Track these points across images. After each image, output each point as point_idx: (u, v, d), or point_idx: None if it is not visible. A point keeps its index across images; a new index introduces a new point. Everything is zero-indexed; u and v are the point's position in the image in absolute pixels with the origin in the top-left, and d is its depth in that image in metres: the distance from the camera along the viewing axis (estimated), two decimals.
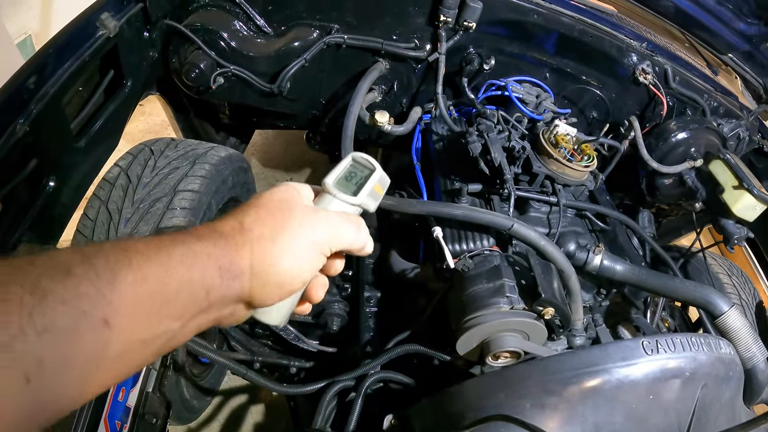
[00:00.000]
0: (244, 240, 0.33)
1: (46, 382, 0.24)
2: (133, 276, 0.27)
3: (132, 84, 0.91)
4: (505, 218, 0.79)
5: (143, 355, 0.29)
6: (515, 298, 0.71)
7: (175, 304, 0.29)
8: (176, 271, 0.29)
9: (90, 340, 0.26)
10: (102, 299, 0.26)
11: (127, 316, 0.27)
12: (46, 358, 0.24)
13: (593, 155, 0.93)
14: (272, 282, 0.34)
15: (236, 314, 0.35)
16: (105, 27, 0.76)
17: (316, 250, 0.36)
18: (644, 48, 1.18)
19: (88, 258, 0.27)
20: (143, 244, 0.29)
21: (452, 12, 1.08)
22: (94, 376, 0.27)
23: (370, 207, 0.42)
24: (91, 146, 0.80)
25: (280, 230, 0.34)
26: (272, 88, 1.10)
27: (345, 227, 0.38)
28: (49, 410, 0.25)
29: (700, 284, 0.83)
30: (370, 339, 0.97)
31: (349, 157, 0.43)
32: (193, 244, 0.31)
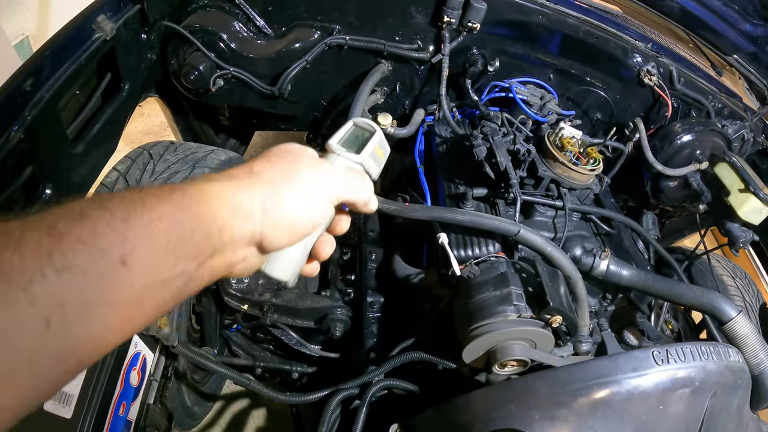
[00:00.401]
0: (254, 181, 0.34)
1: (68, 326, 0.24)
2: (148, 215, 0.27)
3: (130, 87, 0.89)
4: (511, 224, 0.78)
5: (162, 297, 0.29)
6: (522, 306, 0.70)
7: (191, 244, 0.29)
8: (190, 209, 0.29)
9: (109, 279, 0.25)
10: (118, 238, 0.26)
11: (144, 255, 0.27)
12: (66, 300, 0.23)
13: (599, 158, 0.92)
14: (283, 222, 0.34)
15: (248, 260, 0.35)
16: (101, 29, 0.74)
17: (323, 195, 0.37)
18: (649, 49, 1.17)
19: (103, 202, 0.27)
20: (157, 187, 0.29)
21: (456, 13, 1.06)
22: (115, 320, 0.26)
23: (372, 169, 0.43)
24: (88, 151, 0.78)
25: (290, 173, 0.35)
26: (273, 90, 1.08)
27: (350, 178, 0.39)
28: (70, 357, 0.25)
29: (706, 290, 0.82)
30: (373, 345, 0.96)
31: (351, 122, 0.45)
32: (206, 185, 0.31)
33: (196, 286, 0.31)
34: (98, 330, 0.26)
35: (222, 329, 1.19)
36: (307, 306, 1.03)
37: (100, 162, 0.87)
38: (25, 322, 0.22)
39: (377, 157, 0.44)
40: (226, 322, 1.19)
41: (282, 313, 1.05)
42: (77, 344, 0.25)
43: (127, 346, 0.59)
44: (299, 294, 1.04)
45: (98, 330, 0.26)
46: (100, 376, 0.51)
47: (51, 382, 0.24)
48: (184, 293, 0.30)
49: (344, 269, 1.15)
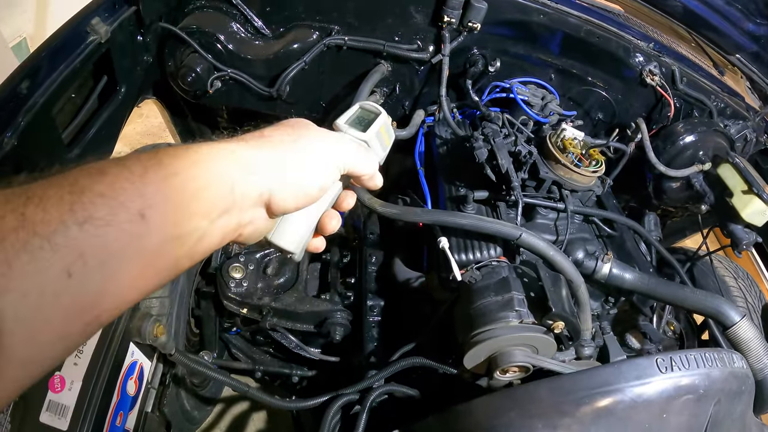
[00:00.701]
0: (264, 142, 0.35)
1: (88, 277, 0.24)
2: (164, 171, 0.28)
3: (126, 90, 0.88)
4: (513, 228, 0.77)
5: (177, 253, 0.29)
6: (524, 312, 0.69)
7: (204, 199, 0.30)
8: (202, 165, 0.30)
9: (128, 232, 0.26)
10: (136, 192, 0.27)
11: (160, 209, 0.28)
12: (87, 251, 0.24)
13: (601, 160, 0.91)
14: (291, 182, 0.35)
15: (256, 223, 0.35)
16: (96, 32, 0.73)
17: (330, 161, 0.38)
18: (651, 48, 1.16)
19: (121, 160, 0.28)
20: (172, 147, 0.31)
21: (456, 12, 1.05)
22: (133, 274, 0.27)
23: (378, 150, 0.45)
24: (84, 156, 0.77)
25: (299, 138, 0.36)
26: (271, 91, 1.07)
27: (356, 150, 0.41)
28: (91, 310, 0.25)
29: (710, 294, 0.81)
30: (374, 349, 0.96)
31: (357, 105, 0.47)
32: (218, 144, 0.33)
33: (208, 244, 0.32)
34: (116, 283, 0.26)
35: (221, 332, 1.19)
36: (307, 310, 1.02)
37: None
38: (49, 271, 0.23)
39: (382, 140, 0.45)
40: (226, 325, 1.19)
41: (281, 317, 1.05)
42: (97, 296, 0.25)
43: (124, 355, 0.59)
44: (298, 298, 1.04)
45: (116, 283, 0.26)
46: (96, 386, 0.50)
47: (74, 333, 0.25)
48: (198, 251, 0.31)
49: (344, 272, 1.14)
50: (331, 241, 1.17)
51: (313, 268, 1.17)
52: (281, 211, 0.36)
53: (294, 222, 0.39)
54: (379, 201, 0.86)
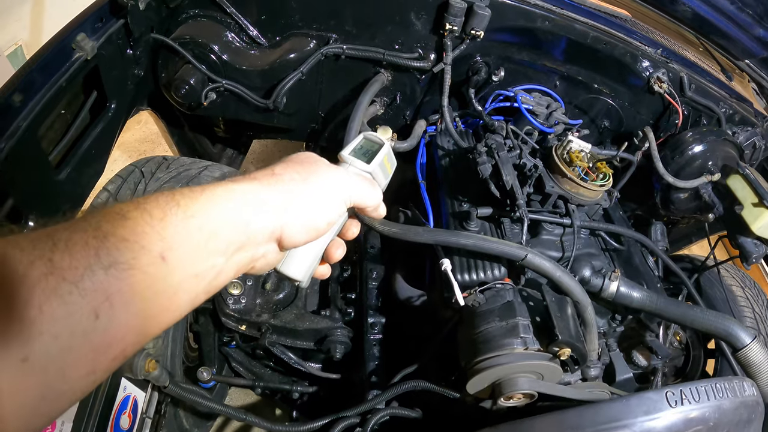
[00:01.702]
0: (275, 181, 0.37)
1: (115, 317, 0.26)
2: (182, 214, 0.30)
3: (117, 105, 0.85)
4: (519, 248, 0.74)
5: (196, 290, 0.31)
6: (530, 339, 0.67)
7: (220, 238, 0.32)
8: (218, 205, 0.32)
9: (150, 273, 0.28)
10: (157, 236, 0.28)
11: (179, 250, 0.29)
12: (113, 294, 0.26)
13: (609, 173, 0.88)
14: (301, 219, 0.37)
15: (268, 256, 0.37)
16: (81, 49, 0.70)
17: (338, 196, 0.40)
18: (659, 55, 1.12)
19: (141, 204, 0.29)
20: (188, 189, 0.32)
21: (458, 20, 1.01)
22: (155, 311, 0.29)
23: (380, 179, 0.48)
24: (72, 177, 0.75)
25: (308, 176, 0.38)
26: (267, 103, 1.04)
27: (361, 183, 0.43)
28: (117, 346, 0.27)
29: (720, 314, 0.79)
30: (374, 368, 0.94)
31: (361, 135, 0.49)
32: (232, 185, 0.34)
33: (224, 279, 0.34)
34: (140, 320, 0.28)
35: (221, 346, 1.17)
36: (306, 327, 1.00)
37: (87, 186, 0.83)
38: (78, 314, 0.25)
39: (385, 169, 0.48)
40: (226, 339, 1.17)
41: (280, 334, 1.03)
42: (122, 333, 0.27)
43: (116, 391, 0.57)
44: (298, 315, 1.02)
45: (140, 320, 0.28)
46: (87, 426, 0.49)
47: (101, 368, 0.27)
48: (214, 287, 0.33)
49: (344, 286, 1.12)
50: None
51: (313, 282, 1.15)
52: (292, 246, 0.38)
53: (302, 253, 0.41)
54: (378, 218, 0.83)
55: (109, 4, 0.76)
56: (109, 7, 0.76)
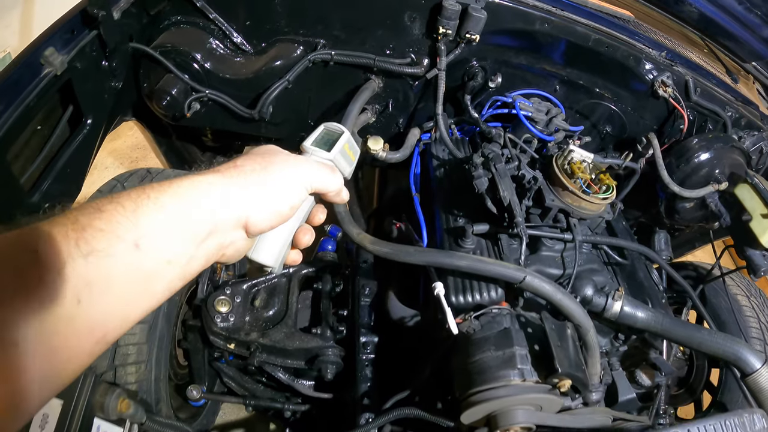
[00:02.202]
0: (237, 172, 0.39)
1: (95, 302, 0.28)
2: (153, 205, 0.32)
3: (93, 120, 0.80)
4: (516, 269, 0.70)
5: (170, 276, 0.34)
6: (527, 370, 0.63)
7: (189, 226, 0.34)
8: (186, 196, 0.34)
9: (126, 260, 0.30)
10: (130, 225, 0.31)
11: (152, 238, 0.32)
12: (93, 279, 0.28)
13: (612, 185, 0.84)
14: (264, 205, 0.39)
15: (237, 243, 0.39)
16: (50, 64, 0.65)
17: (298, 182, 0.42)
18: (664, 58, 1.07)
19: (114, 198, 0.32)
20: (158, 183, 0.35)
21: (453, 23, 0.96)
22: (133, 296, 0.31)
23: (343, 166, 0.49)
24: (47, 200, 0.71)
25: (268, 164, 0.40)
26: (252, 113, 0.99)
27: (321, 169, 0.45)
28: (99, 330, 0.29)
29: (729, 337, 0.75)
30: (367, 390, 0.90)
31: (322, 126, 0.51)
32: (197, 177, 0.36)
33: (196, 265, 0.36)
34: (120, 305, 0.30)
35: (212, 361, 1.13)
36: (297, 346, 0.97)
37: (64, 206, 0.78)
38: (62, 299, 0.27)
39: (347, 156, 0.49)
40: (216, 354, 1.13)
41: (270, 353, 0.99)
42: (103, 318, 0.29)
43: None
44: (288, 333, 0.98)
45: (120, 305, 0.30)
46: None
47: (85, 351, 0.29)
48: (188, 273, 0.35)
49: (337, 302, 1.08)
50: (322, 269, 1.11)
51: (304, 297, 1.11)
52: (258, 231, 0.40)
53: (270, 239, 0.44)
54: (369, 237, 0.79)
55: (81, 15, 0.71)
56: (80, 18, 0.72)
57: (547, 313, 0.71)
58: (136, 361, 0.82)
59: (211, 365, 1.13)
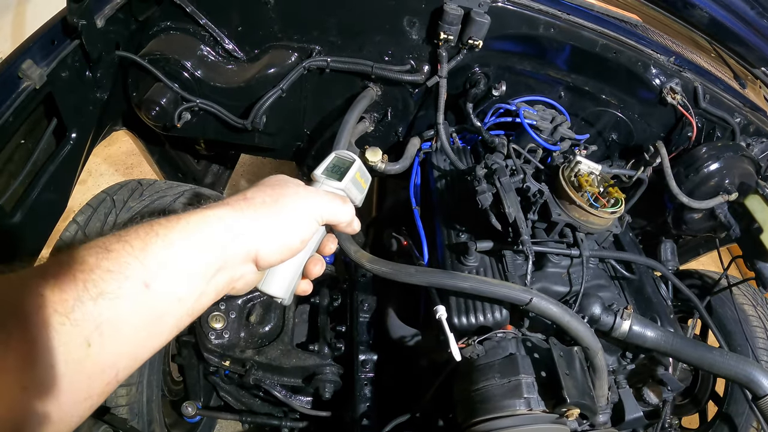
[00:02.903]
0: (247, 205, 0.38)
1: (105, 344, 0.28)
2: (161, 243, 0.32)
3: (78, 134, 0.77)
4: (522, 291, 0.67)
5: (180, 313, 0.33)
6: (534, 399, 0.60)
7: (198, 263, 0.34)
8: (195, 232, 0.34)
9: (136, 301, 0.30)
10: (139, 265, 0.30)
11: (162, 277, 0.31)
12: (102, 322, 0.28)
13: (621, 198, 0.81)
14: (275, 239, 0.38)
15: (246, 277, 0.39)
16: (29, 78, 0.61)
17: (309, 215, 0.41)
18: (672, 63, 1.03)
19: (122, 237, 0.31)
20: (165, 218, 0.34)
21: (454, 28, 0.92)
22: (143, 335, 0.31)
23: (354, 195, 0.49)
24: (29, 219, 0.67)
25: (278, 196, 0.40)
26: (245, 123, 0.96)
27: (332, 200, 0.44)
28: (109, 371, 0.29)
29: (741, 358, 0.73)
30: (366, 410, 0.87)
31: (333, 154, 0.50)
32: (206, 211, 0.36)
33: (206, 301, 0.35)
34: (130, 346, 0.30)
35: (207, 375, 1.10)
36: (293, 364, 0.94)
37: (48, 225, 0.75)
38: (71, 343, 0.27)
39: (358, 184, 0.49)
40: (211, 369, 1.10)
41: (266, 371, 0.96)
42: (114, 359, 0.29)
43: None
44: (284, 351, 0.95)
45: (130, 346, 0.30)
46: None
47: (96, 393, 0.29)
48: (197, 309, 0.35)
49: (335, 316, 1.05)
50: (320, 282, 1.08)
51: (301, 311, 1.08)
52: (268, 265, 0.40)
53: (281, 271, 0.43)
54: (367, 255, 0.76)
55: (61, 24, 0.67)
56: (60, 28, 0.68)
57: (554, 338, 0.68)
58: (127, 383, 0.79)
59: (206, 379, 1.10)
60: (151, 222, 0.33)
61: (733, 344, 1.19)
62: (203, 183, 1.40)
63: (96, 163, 1.98)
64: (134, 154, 2.02)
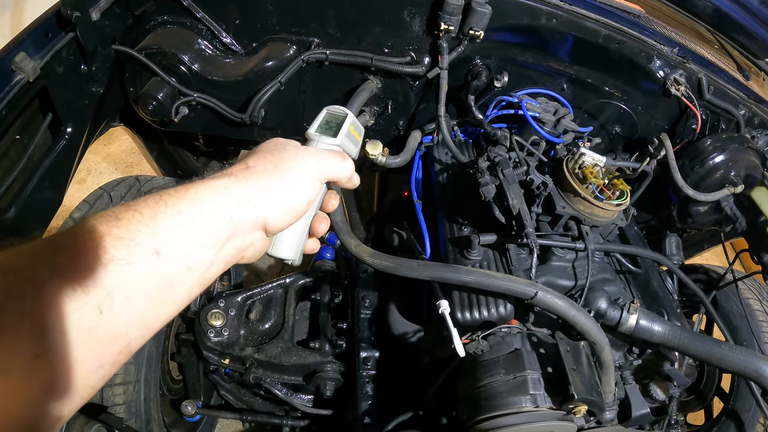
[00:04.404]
0: (250, 174, 0.38)
1: (117, 311, 0.28)
2: (170, 211, 0.32)
3: (74, 129, 0.75)
4: (528, 285, 0.66)
5: (190, 282, 0.33)
6: (540, 396, 0.59)
7: (208, 231, 0.34)
8: (203, 201, 0.34)
9: (147, 268, 0.30)
10: (150, 233, 0.30)
11: (171, 245, 0.31)
12: (114, 289, 0.28)
13: (626, 191, 0.79)
14: (281, 203, 0.39)
15: (256, 244, 0.39)
16: (22, 71, 0.60)
17: (312, 176, 0.41)
18: (676, 54, 1.02)
19: (131, 206, 0.31)
20: (173, 188, 0.34)
21: (455, 19, 0.91)
22: (154, 304, 0.31)
23: (350, 148, 0.48)
24: (24, 215, 0.66)
25: (279, 161, 0.40)
26: (243, 117, 0.94)
27: (332, 158, 0.44)
28: (121, 339, 0.29)
29: (751, 353, 0.71)
30: (368, 408, 0.86)
31: (324, 110, 0.49)
32: (212, 182, 0.36)
33: (216, 270, 0.35)
34: (141, 314, 0.30)
35: (208, 373, 1.09)
36: (294, 362, 0.92)
37: (44, 221, 0.74)
38: (83, 310, 0.27)
39: (353, 138, 0.48)
40: (211, 367, 1.09)
41: (266, 369, 0.95)
42: (126, 327, 0.29)
43: None
44: (284, 348, 0.94)
45: (141, 314, 0.30)
46: None
47: (108, 362, 0.28)
48: (207, 279, 0.35)
49: (336, 313, 1.04)
50: (321, 279, 1.07)
51: (301, 308, 1.07)
52: (277, 230, 0.40)
53: (288, 234, 0.43)
54: (368, 250, 0.75)
55: (55, 16, 0.66)
56: (55, 20, 0.66)
57: (560, 333, 0.66)
58: (124, 381, 0.77)
59: (207, 377, 1.09)
60: (160, 192, 0.33)
61: (739, 339, 1.18)
62: None
63: (95, 161, 1.97)
64: (133, 153, 2.00)
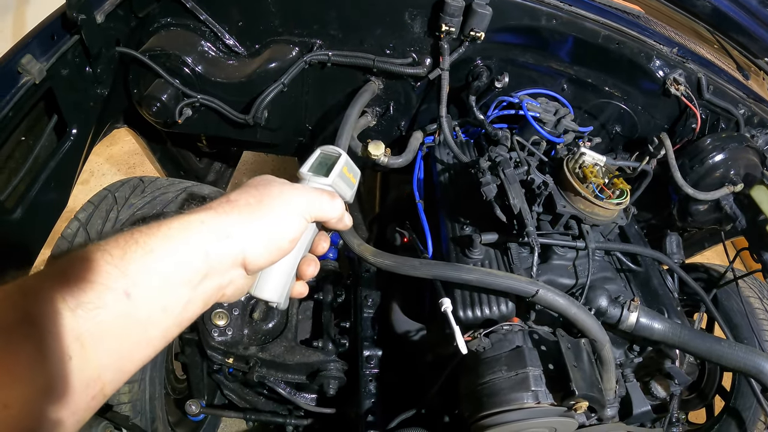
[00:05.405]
0: (231, 208, 0.37)
1: (88, 356, 0.27)
2: (141, 250, 0.31)
3: (78, 130, 0.76)
4: (529, 283, 0.66)
5: (166, 323, 0.32)
6: (542, 392, 0.60)
7: (182, 269, 0.32)
8: (176, 238, 0.33)
9: (118, 311, 0.29)
10: (119, 274, 0.29)
11: (143, 285, 0.30)
12: (83, 334, 0.27)
13: (627, 190, 0.80)
14: (262, 238, 0.37)
15: (236, 282, 0.37)
16: (28, 72, 0.61)
17: (296, 213, 0.40)
18: (675, 54, 1.03)
19: (101, 246, 0.30)
20: (146, 226, 0.33)
21: (456, 20, 0.92)
22: (127, 347, 0.30)
23: (344, 190, 0.47)
24: (30, 216, 0.66)
25: (263, 196, 0.38)
26: (246, 119, 0.95)
27: (319, 196, 0.42)
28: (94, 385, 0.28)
29: (751, 350, 0.72)
30: (371, 406, 0.86)
31: (318, 150, 0.49)
32: (188, 216, 0.35)
33: (194, 309, 0.34)
34: (114, 358, 0.29)
35: (211, 373, 1.10)
36: (297, 361, 0.93)
37: (49, 222, 0.74)
38: (52, 357, 0.26)
39: (347, 179, 0.47)
40: (215, 367, 1.10)
41: (270, 368, 0.95)
42: (98, 372, 0.28)
43: None
44: (288, 347, 0.94)
45: (114, 358, 0.29)
46: None
47: (81, 408, 0.27)
48: (185, 318, 0.33)
49: (339, 312, 1.05)
50: (324, 279, 1.07)
51: (304, 308, 1.07)
52: (257, 268, 0.38)
53: (273, 274, 0.41)
54: (370, 249, 0.75)
55: (60, 19, 0.67)
56: (60, 23, 0.67)
57: (561, 330, 0.67)
58: (129, 380, 0.78)
59: (210, 377, 1.10)
60: (132, 230, 0.32)
61: (740, 337, 1.18)
62: (205, 181, 1.40)
63: (98, 163, 1.98)
64: (137, 154, 2.01)
